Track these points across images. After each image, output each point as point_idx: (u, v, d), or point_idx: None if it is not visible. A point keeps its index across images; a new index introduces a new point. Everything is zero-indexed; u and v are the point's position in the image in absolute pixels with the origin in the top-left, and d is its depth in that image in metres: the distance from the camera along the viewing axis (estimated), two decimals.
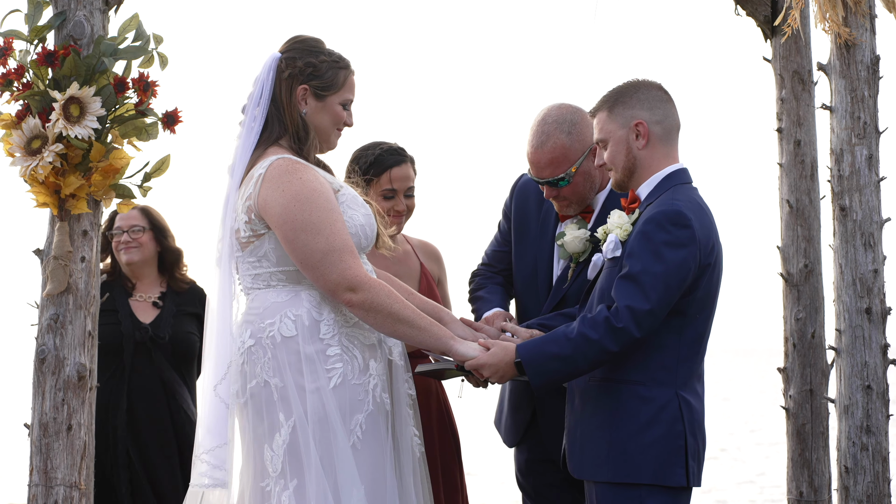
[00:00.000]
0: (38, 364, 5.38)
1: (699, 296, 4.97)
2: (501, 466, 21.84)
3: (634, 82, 5.16)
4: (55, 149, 5.31)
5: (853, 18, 6.38)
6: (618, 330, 4.83)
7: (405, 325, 4.95)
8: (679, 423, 4.94)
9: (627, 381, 4.96)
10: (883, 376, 6.34)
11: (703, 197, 5.11)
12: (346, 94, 5.15)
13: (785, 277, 6.74)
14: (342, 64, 5.14)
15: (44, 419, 5.36)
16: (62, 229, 5.42)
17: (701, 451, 5.03)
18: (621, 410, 4.95)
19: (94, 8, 5.51)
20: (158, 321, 6.91)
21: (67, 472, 5.36)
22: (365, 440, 4.96)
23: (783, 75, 6.80)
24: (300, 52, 5.12)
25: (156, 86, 5.50)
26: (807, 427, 6.67)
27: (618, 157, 5.11)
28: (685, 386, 4.98)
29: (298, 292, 4.99)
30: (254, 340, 4.98)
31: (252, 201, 4.98)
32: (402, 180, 5.95)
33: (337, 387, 4.93)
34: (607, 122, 5.11)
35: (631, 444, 4.92)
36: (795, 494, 6.70)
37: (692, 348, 5.00)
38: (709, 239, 4.96)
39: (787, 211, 6.75)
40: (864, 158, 6.37)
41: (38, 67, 5.38)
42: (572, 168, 5.56)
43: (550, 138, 5.56)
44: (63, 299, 5.40)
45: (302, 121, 5.09)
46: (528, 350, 4.98)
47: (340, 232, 4.93)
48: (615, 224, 5.08)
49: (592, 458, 5.00)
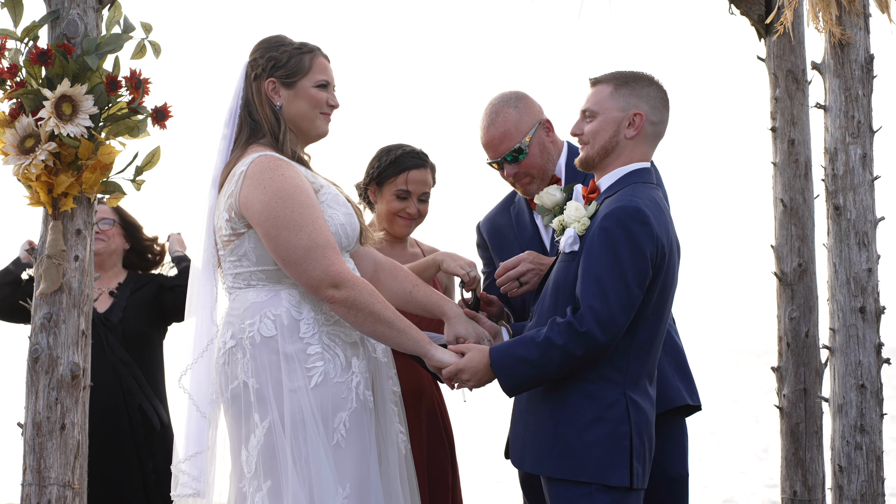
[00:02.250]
0: (31, 363, 5.37)
1: (654, 297, 4.95)
2: (495, 467, 21.84)
3: (650, 76, 5.15)
4: (48, 147, 5.31)
5: (847, 17, 6.38)
6: (581, 334, 4.81)
7: (385, 325, 4.94)
8: (625, 423, 4.91)
9: (576, 377, 4.94)
10: (877, 375, 6.34)
11: (665, 198, 5.11)
12: (316, 76, 5.13)
13: (779, 276, 6.74)
14: (305, 49, 5.14)
15: (37, 418, 5.35)
16: (56, 228, 5.41)
17: (647, 453, 5.00)
18: (567, 406, 4.93)
19: (87, 6, 5.50)
20: (111, 308, 7.00)
21: (61, 472, 5.35)
22: (349, 438, 4.95)
23: (777, 74, 6.80)
24: (261, 50, 5.16)
25: (148, 83, 5.49)
26: (801, 426, 6.67)
27: (601, 135, 5.08)
28: (635, 386, 4.96)
29: (278, 292, 4.97)
30: (234, 341, 4.97)
31: (234, 199, 4.96)
32: (418, 184, 6.01)
33: (318, 385, 4.92)
34: (608, 97, 5.08)
35: (575, 440, 4.90)
36: (789, 493, 6.70)
37: (644, 349, 4.98)
38: (664, 238, 4.95)
39: (780, 210, 6.75)
40: (858, 157, 6.37)
41: (31, 66, 5.37)
42: (526, 138, 5.69)
43: (500, 113, 5.73)
44: (56, 298, 5.39)
45: (274, 115, 5.10)
46: (499, 353, 4.97)
47: (323, 229, 4.91)
48: (572, 217, 5.04)
49: (536, 450, 4.99)
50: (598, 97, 5.10)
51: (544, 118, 5.78)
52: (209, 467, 5.05)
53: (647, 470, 5.02)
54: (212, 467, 5.07)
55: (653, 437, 5.04)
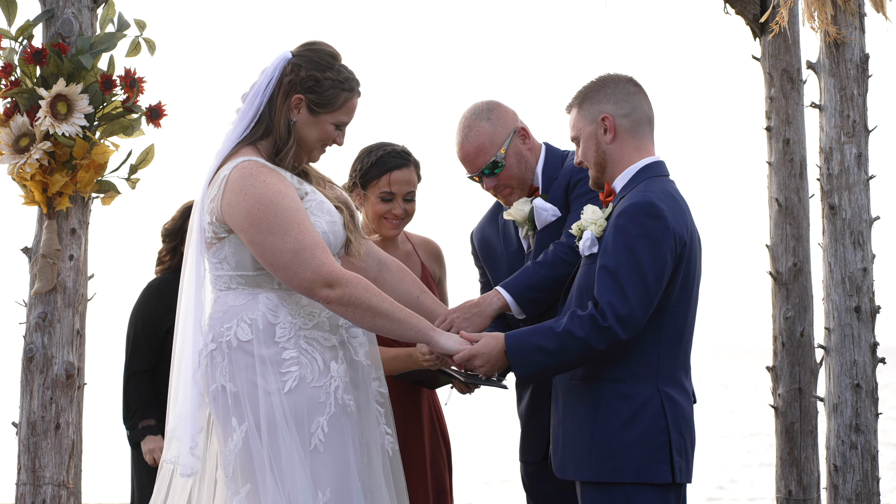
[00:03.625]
0: (25, 362, 5.37)
1: (676, 289, 4.95)
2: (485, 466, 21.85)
3: (603, 77, 5.16)
4: (43, 147, 5.30)
5: (842, 17, 6.38)
6: (604, 328, 4.81)
7: (385, 318, 4.91)
8: (661, 419, 4.91)
9: (607, 378, 4.94)
10: (872, 375, 6.34)
11: (680, 190, 5.09)
12: (341, 116, 5.07)
13: (774, 276, 6.74)
14: (346, 86, 5.05)
15: (32, 418, 5.34)
16: (50, 227, 5.40)
17: (688, 446, 5.00)
18: (602, 408, 4.93)
19: (82, 6, 5.50)
20: None
21: (55, 471, 5.35)
22: (328, 443, 4.91)
23: (772, 74, 6.80)
24: (308, 61, 5.03)
25: (143, 82, 5.49)
26: (796, 426, 6.67)
27: (589, 153, 5.11)
28: (668, 381, 4.96)
29: (256, 295, 4.95)
30: (215, 345, 4.95)
31: (216, 203, 4.92)
32: (402, 184, 5.89)
33: (292, 390, 4.88)
34: (577, 119, 5.13)
35: (613, 442, 4.90)
36: (784, 493, 6.70)
37: (673, 342, 4.98)
38: (682, 230, 4.94)
39: (776, 209, 6.75)
40: (854, 157, 6.37)
41: (25, 65, 5.36)
42: (501, 150, 5.63)
43: (472, 128, 5.65)
44: (51, 298, 5.39)
45: (287, 129, 5.01)
46: (515, 340, 4.96)
47: (309, 230, 4.87)
48: (589, 220, 5.06)
49: (575, 457, 4.98)
50: (573, 122, 5.17)
51: (519, 125, 5.70)
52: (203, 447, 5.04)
53: (691, 463, 5.02)
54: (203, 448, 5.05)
55: (693, 430, 5.04)
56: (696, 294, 5.05)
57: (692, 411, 5.05)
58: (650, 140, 5.13)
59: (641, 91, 5.13)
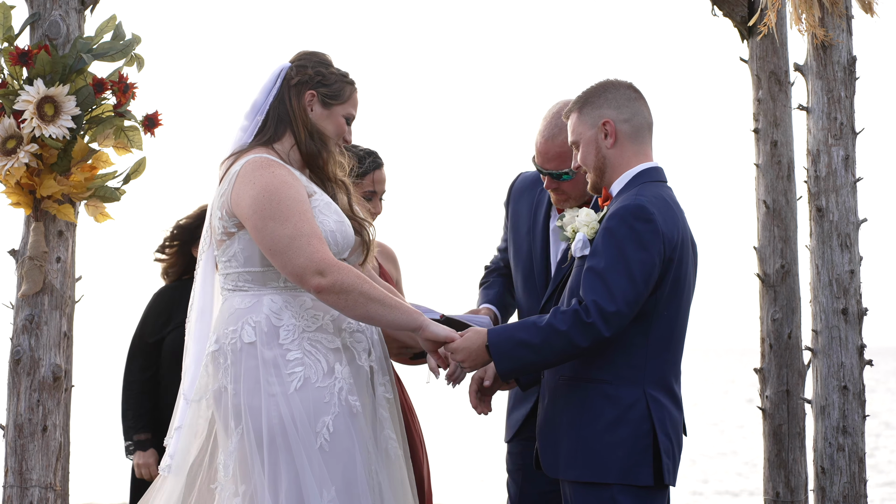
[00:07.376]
0: (12, 365, 5.36)
1: (665, 293, 4.96)
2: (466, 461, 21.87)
3: (604, 82, 5.18)
4: (30, 149, 5.29)
5: (830, 19, 6.39)
6: (587, 324, 4.82)
7: (377, 303, 4.95)
8: (647, 422, 4.93)
9: (594, 379, 4.96)
10: (859, 377, 6.35)
11: (676, 195, 5.11)
12: (349, 109, 5.22)
13: (761, 278, 6.75)
14: (348, 80, 5.23)
15: (19, 420, 5.34)
16: (37, 230, 5.40)
17: (675, 450, 5.02)
18: (588, 409, 4.95)
19: (69, 8, 5.49)
20: None
21: (43, 473, 5.34)
22: (333, 442, 4.95)
23: (760, 76, 6.81)
24: (311, 61, 5.19)
25: (134, 87, 5.49)
26: (783, 428, 6.68)
27: (588, 158, 5.13)
28: (656, 384, 4.98)
29: (261, 298, 5.00)
30: (217, 346, 5.00)
31: (226, 197, 5.01)
32: (382, 183, 6.03)
33: (298, 390, 4.93)
34: (578, 123, 5.15)
35: (598, 443, 4.92)
36: (772, 495, 6.70)
37: (662, 346, 4.99)
38: (673, 234, 4.96)
39: (763, 211, 6.76)
40: (841, 159, 6.38)
41: (12, 67, 5.36)
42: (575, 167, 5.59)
43: (562, 132, 5.55)
44: (38, 300, 5.38)
45: (314, 126, 5.14)
46: (497, 334, 4.98)
47: (309, 220, 4.95)
48: (583, 222, 5.09)
49: (563, 456, 5.00)
50: (573, 127, 5.17)
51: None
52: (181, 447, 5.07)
53: (676, 466, 5.03)
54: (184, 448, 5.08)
55: (680, 433, 5.05)
56: (687, 299, 5.06)
57: (681, 416, 5.06)
58: (649, 146, 5.15)
59: (641, 97, 5.16)
